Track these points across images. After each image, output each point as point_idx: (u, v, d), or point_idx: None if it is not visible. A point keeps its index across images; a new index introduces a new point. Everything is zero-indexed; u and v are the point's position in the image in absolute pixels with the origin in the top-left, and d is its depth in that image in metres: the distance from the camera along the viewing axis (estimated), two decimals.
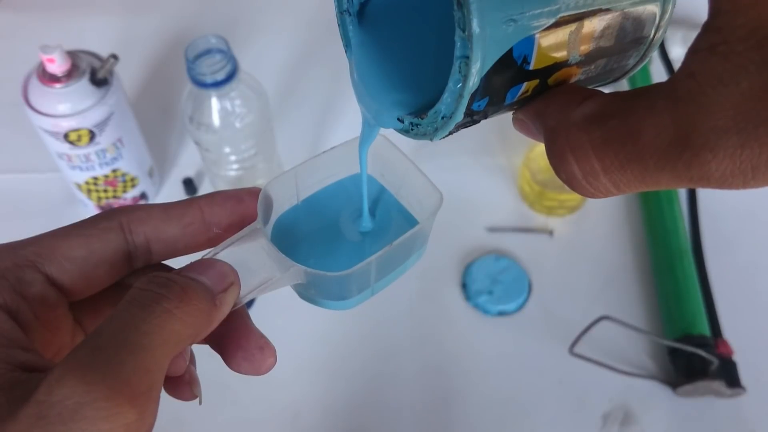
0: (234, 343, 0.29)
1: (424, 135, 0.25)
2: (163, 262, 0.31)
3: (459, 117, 0.23)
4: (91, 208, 0.77)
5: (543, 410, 0.67)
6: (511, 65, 0.22)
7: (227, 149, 0.72)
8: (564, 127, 0.22)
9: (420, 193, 0.33)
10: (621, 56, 0.25)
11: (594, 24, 0.23)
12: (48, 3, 0.99)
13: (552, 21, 0.22)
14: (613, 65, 0.25)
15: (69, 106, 0.65)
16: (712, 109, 0.19)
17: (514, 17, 0.21)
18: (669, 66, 0.87)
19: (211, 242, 0.31)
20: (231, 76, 0.66)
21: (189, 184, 0.81)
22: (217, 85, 0.65)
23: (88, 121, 0.66)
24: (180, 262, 0.29)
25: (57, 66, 0.64)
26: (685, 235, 0.75)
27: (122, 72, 0.71)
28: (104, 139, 0.69)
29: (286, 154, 0.81)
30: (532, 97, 0.24)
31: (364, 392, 0.68)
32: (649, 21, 0.24)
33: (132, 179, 0.75)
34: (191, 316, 0.25)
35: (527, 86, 0.24)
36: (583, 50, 0.23)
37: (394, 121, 0.26)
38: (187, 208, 0.30)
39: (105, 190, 0.74)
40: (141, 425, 0.22)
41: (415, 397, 0.67)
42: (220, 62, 0.65)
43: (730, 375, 0.65)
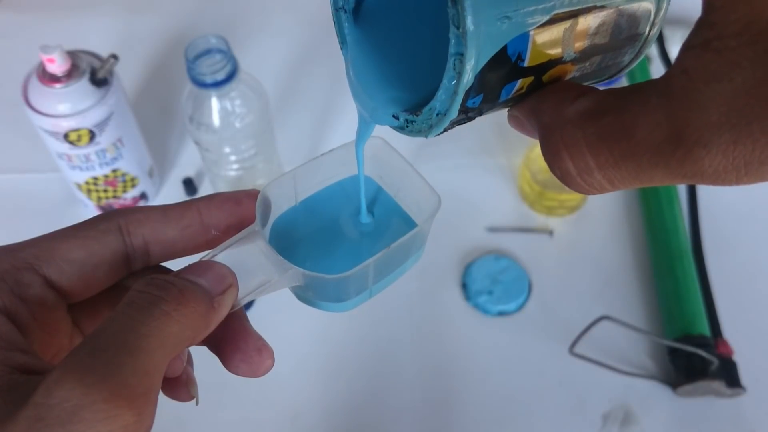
0: (232, 345, 0.29)
1: (419, 132, 0.25)
2: (161, 264, 0.31)
3: (454, 114, 0.23)
4: (91, 208, 0.77)
5: (543, 410, 0.67)
6: (506, 62, 0.22)
7: (227, 149, 0.72)
8: (558, 124, 0.22)
9: (418, 195, 0.33)
10: (616, 53, 0.25)
11: (589, 21, 0.23)
12: (48, 3, 0.99)
13: (546, 18, 0.22)
14: (609, 62, 0.25)
15: (69, 106, 0.65)
16: (705, 106, 0.19)
17: (508, 14, 0.21)
18: (669, 66, 0.87)
19: (209, 244, 0.31)
20: (231, 76, 0.66)
21: (189, 184, 0.81)
22: (217, 85, 0.65)
23: (88, 121, 0.66)
24: (178, 264, 0.29)
25: (57, 66, 0.64)
26: (685, 235, 0.75)
27: (122, 72, 0.71)
28: (104, 139, 0.69)
29: (286, 154, 0.81)
30: (527, 94, 0.24)
31: (364, 392, 0.68)
32: (644, 18, 0.24)
33: (132, 179, 0.75)
34: (189, 318, 0.25)
35: (522, 83, 0.24)
36: (578, 47, 0.23)
37: (389, 118, 0.26)
38: (186, 210, 0.30)
39: (105, 190, 0.74)
40: (139, 427, 0.22)
41: (415, 396, 0.67)
42: (220, 62, 0.65)
43: (730, 375, 0.65)
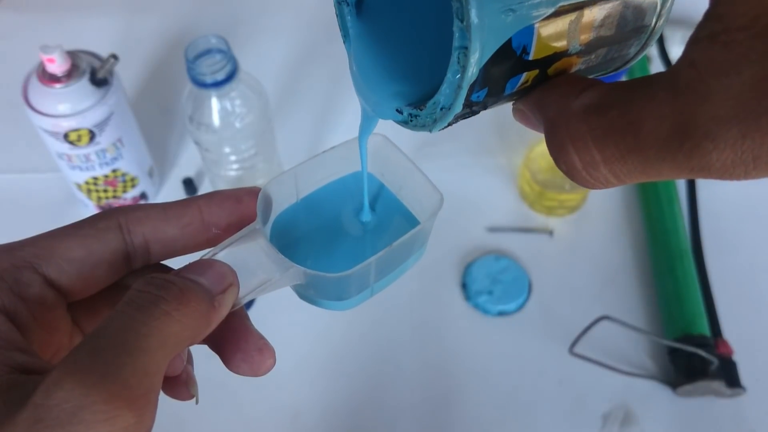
0: (233, 344, 0.29)
1: (423, 126, 0.25)
2: (161, 262, 0.31)
3: (458, 108, 0.23)
4: (91, 208, 0.77)
5: (543, 410, 0.67)
6: (511, 55, 0.22)
7: (227, 149, 0.72)
8: (564, 118, 0.22)
9: (420, 193, 0.33)
10: (622, 45, 0.25)
11: (594, 13, 0.23)
12: (48, 3, 0.99)
13: (552, 10, 0.22)
14: (614, 54, 0.25)
15: (69, 106, 0.65)
16: (712, 99, 0.19)
17: (512, 7, 0.21)
18: (669, 66, 0.87)
19: (210, 242, 0.30)
20: (231, 76, 0.66)
21: (189, 184, 0.81)
22: (217, 85, 0.65)
23: (88, 121, 0.66)
24: (179, 263, 0.29)
25: (57, 66, 0.64)
26: (685, 235, 0.74)
27: (122, 72, 0.71)
28: (104, 139, 0.69)
29: (286, 154, 0.81)
30: (531, 88, 0.24)
31: (364, 392, 0.68)
32: (650, 9, 0.24)
33: (132, 179, 0.75)
34: (190, 317, 0.25)
35: (527, 76, 0.24)
36: (584, 40, 0.23)
37: (392, 113, 0.26)
38: (186, 208, 0.30)
39: (105, 190, 0.74)
40: (140, 428, 0.22)
41: (415, 396, 0.67)
42: (220, 62, 0.65)
43: (730, 375, 0.65)
